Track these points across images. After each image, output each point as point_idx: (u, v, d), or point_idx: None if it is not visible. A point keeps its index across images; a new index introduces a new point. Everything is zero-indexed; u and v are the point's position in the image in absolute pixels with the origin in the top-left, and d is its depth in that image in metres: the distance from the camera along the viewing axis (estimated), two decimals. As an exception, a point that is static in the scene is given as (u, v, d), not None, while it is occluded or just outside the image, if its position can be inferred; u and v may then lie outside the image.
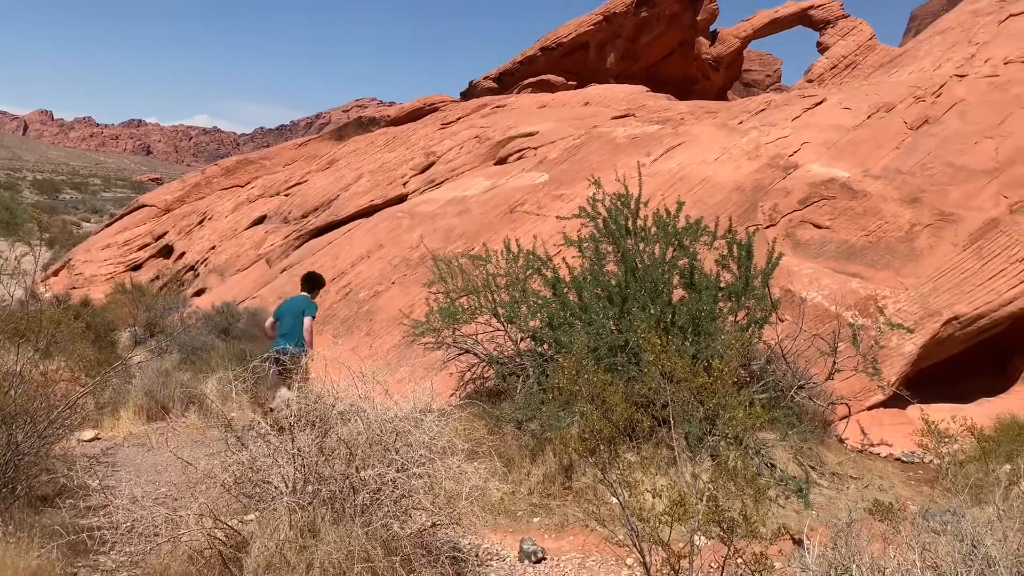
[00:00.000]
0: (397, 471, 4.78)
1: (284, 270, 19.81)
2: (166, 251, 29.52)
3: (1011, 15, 19.22)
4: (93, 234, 37.04)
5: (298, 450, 4.86)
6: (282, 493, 4.80)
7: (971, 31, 19.75)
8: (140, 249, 30.43)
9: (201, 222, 29.85)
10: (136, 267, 29.44)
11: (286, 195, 27.39)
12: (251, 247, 23.74)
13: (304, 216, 23.45)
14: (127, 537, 4.68)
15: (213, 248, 25.94)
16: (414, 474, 4.80)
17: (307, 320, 8.90)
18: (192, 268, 26.17)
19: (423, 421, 4.99)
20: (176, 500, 5.08)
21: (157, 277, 27.17)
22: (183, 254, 27.67)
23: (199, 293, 22.92)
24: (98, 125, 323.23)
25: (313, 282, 9.59)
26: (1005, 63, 16.84)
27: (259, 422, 5.13)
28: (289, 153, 36.20)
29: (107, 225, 35.80)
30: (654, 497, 4.08)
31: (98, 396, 9.70)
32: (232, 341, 13.70)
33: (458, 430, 5.49)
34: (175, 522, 4.72)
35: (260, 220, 26.24)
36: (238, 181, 33.68)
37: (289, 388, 7.27)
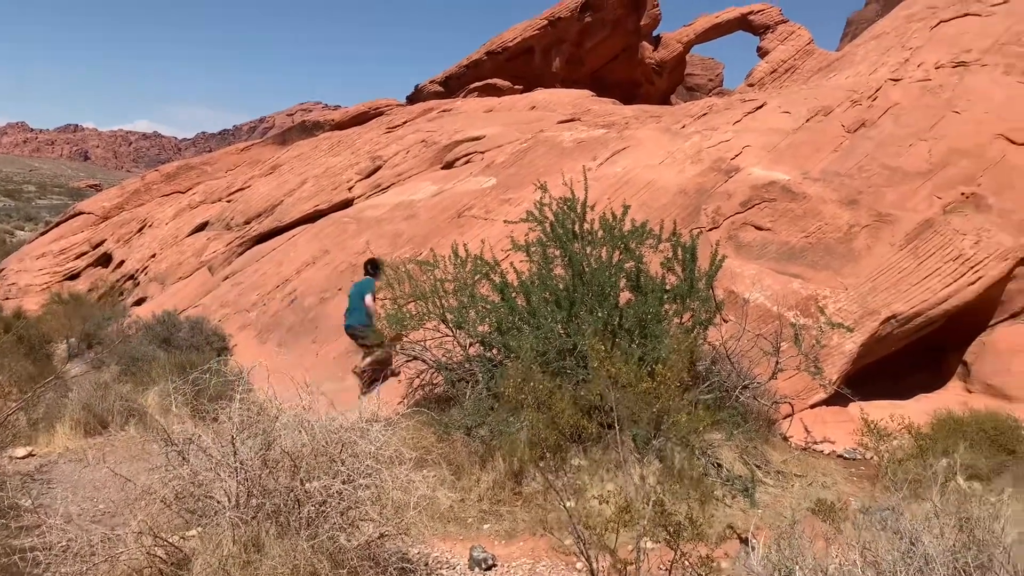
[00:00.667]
0: (343, 482, 4.71)
1: (227, 277, 19.44)
2: (104, 260, 28.74)
3: (942, 21, 19.81)
4: (27, 243, 35.91)
5: (241, 463, 4.76)
6: (225, 508, 4.69)
7: (905, 36, 20.32)
8: (77, 258, 29.58)
9: (141, 229, 29.13)
10: (73, 276, 28.60)
11: (228, 201, 26.90)
12: (193, 254, 23.25)
13: (247, 222, 23.06)
14: (62, 558, 4.52)
15: (153, 256, 25.33)
16: (361, 485, 4.73)
17: (368, 299, 10.77)
18: (132, 277, 25.52)
19: (369, 431, 4.93)
20: (114, 517, 4.93)
21: (95, 287, 26.44)
22: (122, 262, 26.97)
23: (139, 302, 22.37)
24: (32, 130, 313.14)
25: (375, 266, 11.37)
26: (937, 68, 17.35)
27: (200, 435, 5.00)
28: (231, 158, 35.58)
29: (42, 233, 34.73)
30: (601, 503, 4.09)
31: (31, 411, 9.38)
32: (174, 351, 13.35)
33: (406, 439, 5.45)
34: (113, 540, 4.58)
35: (202, 227, 25.72)
36: (179, 187, 32.98)
37: (366, 354, 10.68)
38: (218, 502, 4.72)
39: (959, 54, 17.42)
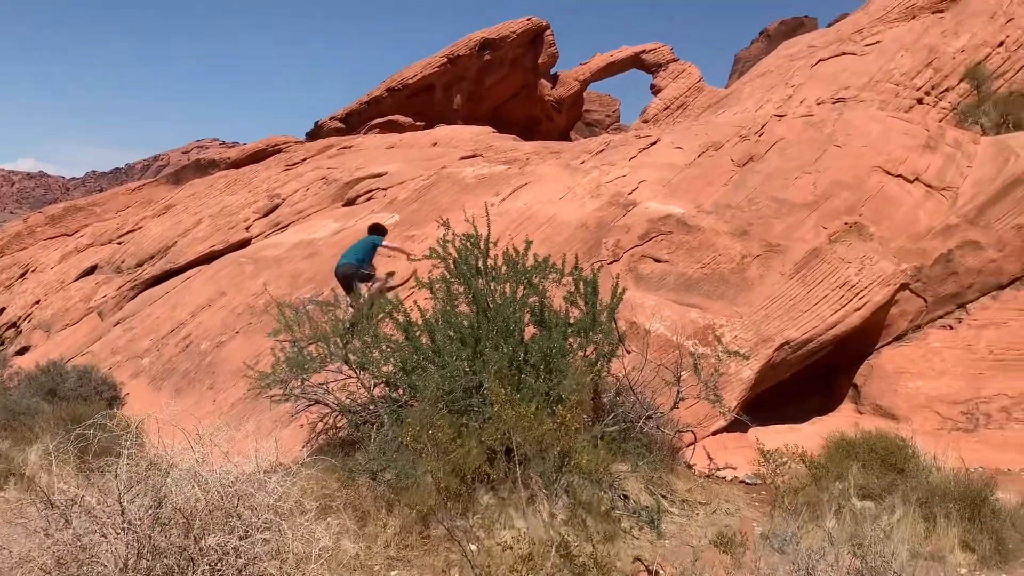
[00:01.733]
0: (240, 538, 4.51)
1: (118, 323, 18.59)
2: (-17, 307, 27.11)
3: (821, 59, 20.96)
4: None
5: (128, 523, 4.49)
6: (112, 572, 4.41)
7: (788, 74, 21.37)
8: (-48, 306, 27.78)
9: (23, 275, 27.69)
10: (-53, 326, 26.82)
11: (119, 243, 25.86)
12: (80, 300, 22.18)
13: (139, 265, 22.19)
14: (-73, 638, 4.16)
15: (37, 303, 24.06)
16: (259, 539, 4.54)
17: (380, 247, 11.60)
18: (14, 325, 24.15)
19: (267, 482, 4.74)
20: (-12, 589, 4.57)
21: (-28, 336, 24.86)
22: (2, 310, 25.53)
23: (22, 352, 21.15)
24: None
25: (377, 229, 11.96)
26: (818, 103, 18.30)
27: (83, 496, 4.70)
28: (122, 199, 34.30)
29: (-88, 281, 32.51)
30: (504, 550, 4.03)
31: None
32: (60, 403, 12.61)
33: (307, 488, 5.26)
34: (-15, 616, 4.25)
35: (91, 271, 24.62)
36: (66, 229, 31.56)
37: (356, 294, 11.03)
38: (104, 566, 4.44)
39: (838, 91, 18.43)
